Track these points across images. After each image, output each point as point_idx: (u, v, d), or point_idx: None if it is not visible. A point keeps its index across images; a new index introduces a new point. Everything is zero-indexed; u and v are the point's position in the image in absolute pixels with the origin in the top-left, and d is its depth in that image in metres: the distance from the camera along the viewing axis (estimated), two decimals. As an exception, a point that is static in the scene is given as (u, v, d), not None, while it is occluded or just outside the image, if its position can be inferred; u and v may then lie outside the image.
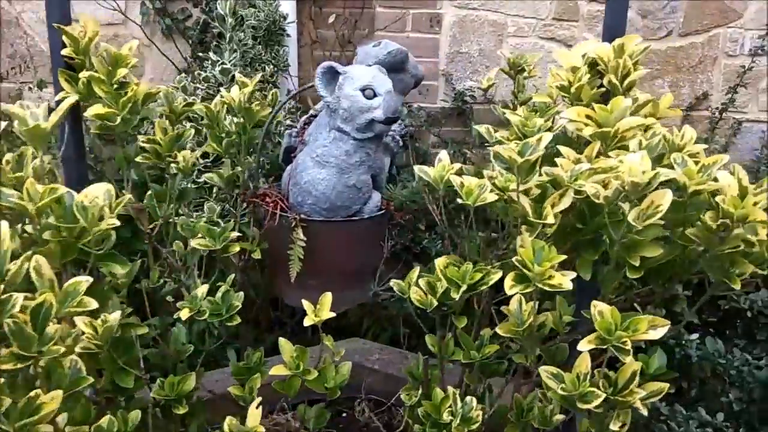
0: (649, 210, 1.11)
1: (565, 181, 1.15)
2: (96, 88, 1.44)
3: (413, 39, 3.04)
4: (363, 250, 1.53)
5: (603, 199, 1.10)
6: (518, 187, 1.16)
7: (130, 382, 1.51)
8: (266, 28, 2.95)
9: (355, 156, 1.44)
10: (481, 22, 2.98)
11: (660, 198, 1.11)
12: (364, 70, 1.42)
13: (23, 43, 3.12)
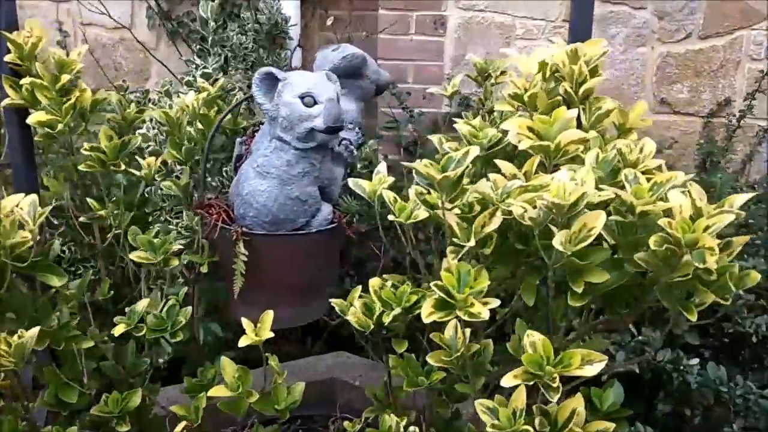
0: (582, 233, 1.00)
1: (493, 199, 1.06)
2: (39, 94, 1.42)
3: (417, 42, 2.95)
4: (312, 265, 1.46)
5: (529, 221, 1.00)
6: (442, 204, 1.07)
7: (73, 397, 1.48)
8: (267, 31, 2.92)
9: (298, 167, 1.37)
10: (487, 24, 2.88)
11: (593, 220, 1.00)
12: (304, 76, 1.36)
13: (33, 48, 3.17)
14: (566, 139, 1.09)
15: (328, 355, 2.27)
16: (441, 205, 1.07)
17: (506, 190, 1.06)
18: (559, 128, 1.11)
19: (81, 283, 1.56)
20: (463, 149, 1.06)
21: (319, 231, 1.44)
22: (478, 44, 2.89)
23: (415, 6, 2.89)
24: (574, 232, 1.00)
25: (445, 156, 1.06)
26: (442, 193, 1.05)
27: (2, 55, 1.45)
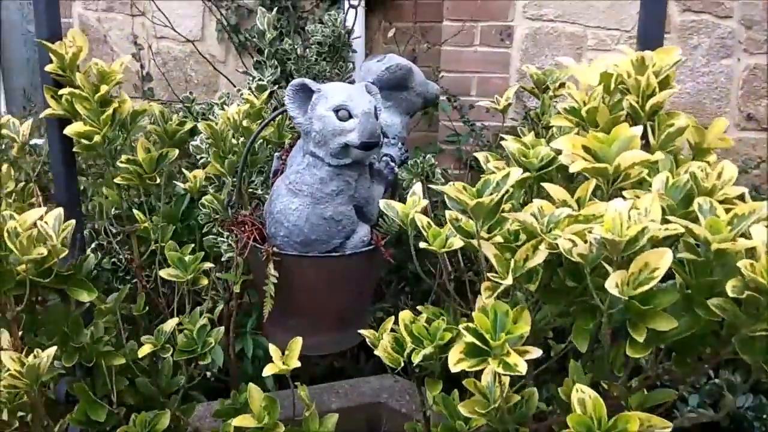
0: (642, 274, 0.82)
1: (537, 229, 0.89)
2: (78, 105, 1.37)
3: (481, 53, 2.79)
4: (347, 290, 1.33)
5: (579, 257, 0.83)
6: (478, 234, 0.91)
7: (102, 416, 1.41)
8: (331, 44, 2.83)
9: (331, 184, 1.24)
10: (557, 34, 2.68)
11: (657, 259, 0.82)
12: (339, 88, 1.23)
13: (109, 59, 3.22)
14: (627, 160, 0.92)
15: (375, 378, 2.13)
16: (477, 234, 0.91)
17: (553, 220, 0.89)
18: (619, 148, 0.93)
19: (117, 297, 1.49)
20: (503, 171, 0.90)
21: (354, 253, 1.30)
22: (546, 56, 2.70)
23: (481, 16, 2.73)
24: (632, 272, 0.83)
25: (482, 180, 0.90)
26: (477, 221, 0.90)
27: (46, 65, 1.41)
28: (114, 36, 3.19)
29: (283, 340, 1.32)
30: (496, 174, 0.90)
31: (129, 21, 3.18)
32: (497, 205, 0.88)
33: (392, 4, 3.03)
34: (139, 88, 3.12)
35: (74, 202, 1.47)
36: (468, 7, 2.74)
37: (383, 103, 1.42)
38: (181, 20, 3.19)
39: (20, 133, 1.37)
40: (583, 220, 0.86)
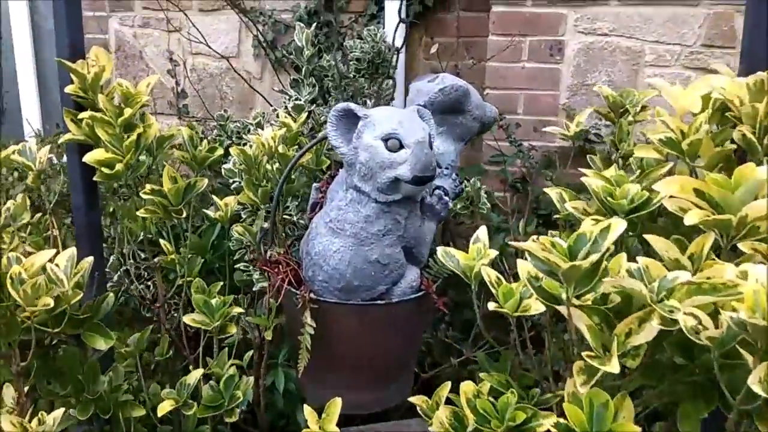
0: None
1: (646, 298, 0.69)
2: (99, 130, 1.21)
3: (529, 69, 2.59)
4: (393, 342, 1.14)
5: (707, 340, 0.63)
6: (568, 300, 0.72)
7: (118, 471, 1.25)
8: (370, 60, 2.67)
9: (378, 223, 1.05)
10: (611, 49, 2.47)
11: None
12: (389, 114, 1.04)
13: (144, 76, 3.10)
14: (757, 211, 0.71)
15: (415, 421, 1.93)
16: (566, 300, 0.72)
17: (665, 286, 0.69)
18: (744, 194, 0.73)
19: (139, 338, 1.33)
20: (603, 223, 0.70)
21: (402, 301, 1.11)
22: (600, 71, 2.49)
23: (529, 31, 2.53)
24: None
25: (575, 235, 0.70)
26: (568, 286, 0.70)
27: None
28: (150, 52, 3.08)
29: (320, 397, 1.14)
30: (593, 227, 0.70)
31: (165, 37, 3.06)
32: (596, 267, 0.69)
33: (434, 19, 2.85)
34: (174, 105, 2.99)
35: (95, 234, 1.31)
36: (515, 21, 2.54)
37: (436, 128, 1.23)
38: (216, 36, 3.06)
39: (37, 159, 1.22)
40: (707, 289, 0.66)
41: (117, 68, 3.13)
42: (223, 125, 2.34)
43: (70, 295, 0.98)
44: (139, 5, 2.99)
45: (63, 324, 1.05)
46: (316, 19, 2.89)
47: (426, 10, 2.81)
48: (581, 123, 1.24)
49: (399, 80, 2.79)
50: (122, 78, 3.15)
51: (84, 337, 1.14)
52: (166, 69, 2.97)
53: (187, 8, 3.01)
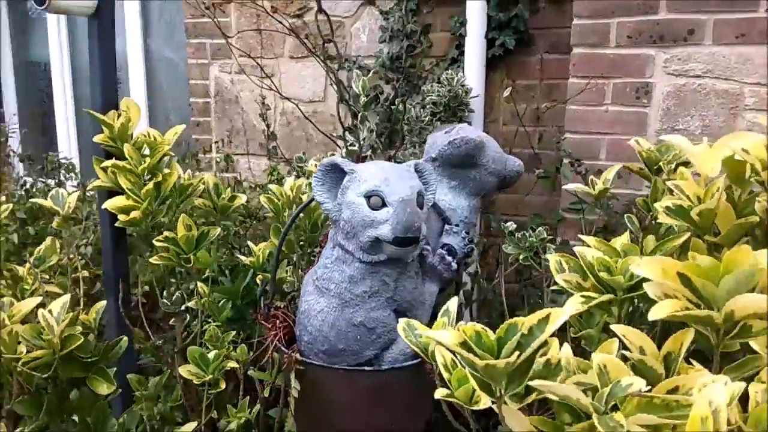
0: None
1: (589, 408, 0.56)
2: (121, 177, 1.24)
3: (613, 113, 2.40)
4: (384, 413, 1.04)
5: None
6: (499, 399, 0.60)
7: None
8: (446, 103, 2.61)
9: (363, 284, 0.97)
10: (705, 92, 2.22)
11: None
12: (375, 169, 0.96)
13: (240, 119, 3.26)
14: (743, 308, 0.56)
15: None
16: (498, 398, 0.60)
17: (616, 394, 0.55)
18: (733, 284, 0.57)
19: (157, 384, 1.33)
20: (540, 313, 0.58)
21: (393, 369, 1.02)
22: (692, 116, 2.25)
23: (613, 73, 2.34)
24: None
25: (506, 324, 0.59)
26: (497, 384, 0.59)
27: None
28: (245, 96, 3.22)
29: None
30: (530, 317, 0.58)
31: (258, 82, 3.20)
32: (525, 366, 0.56)
33: (516, 61, 2.74)
34: (264, 146, 3.10)
35: (120, 278, 1.35)
36: (598, 62, 2.37)
37: (447, 182, 1.14)
38: (305, 81, 3.15)
39: (66, 204, 1.27)
40: (659, 406, 0.52)
41: (215, 111, 3.30)
42: (300, 167, 2.38)
43: (54, 343, 0.99)
44: (237, 53, 3.14)
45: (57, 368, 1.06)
46: (398, 64, 2.89)
47: (507, 53, 2.71)
48: (608, 180, 1.09)
49: (477, 124, 2.70)
50: (219, 121, 3.33)
51: (88, 381, 1.15)
52: (258, 112, 3.09)
53: (279, 55, 3.13)
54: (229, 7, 3.13)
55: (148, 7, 3.49)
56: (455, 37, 2.77)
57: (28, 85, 3.77)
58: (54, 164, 2.80)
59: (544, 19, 2.66)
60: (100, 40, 1.23)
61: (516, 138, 2.66)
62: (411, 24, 2.86)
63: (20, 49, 3.75)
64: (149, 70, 3.51)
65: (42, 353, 1.04)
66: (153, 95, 3.54)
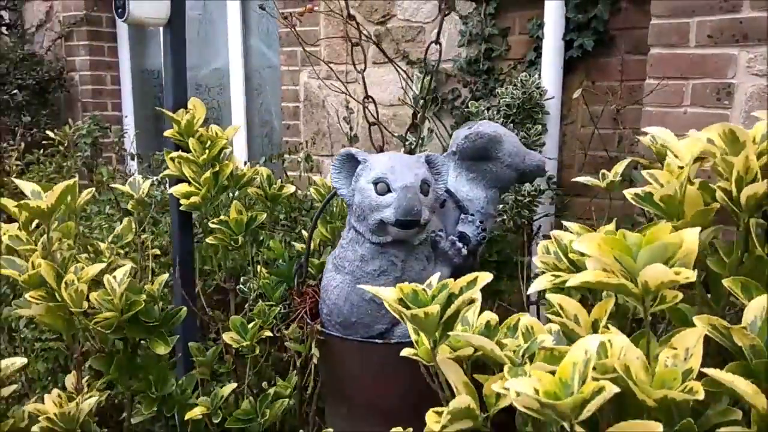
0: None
1: (502, 358, 0.64)
2: (185, 167, 1.44)
3: (692, 115, 2.35)
4: (395, 384, 1.14)
5: (527, 410, 0.57)
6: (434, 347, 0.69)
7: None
8: (520, 106, 2.67)
9: (373, 263, 1.09)
10: (794, 92, 2.14)
11: None
12: (385, 159, 1.08)
13: (325, 122, 3.47)
14: (654, 278, 0.62)
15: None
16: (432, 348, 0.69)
17: (530, 350, 0.63)
18: (648, 258, 0.63)
19: (213, 352, 1.52)
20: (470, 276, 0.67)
21: (401, 343, 1.12)
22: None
23: (693, 73, 2.30)
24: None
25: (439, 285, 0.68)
26: (430, 335, 0.68)
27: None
28: (330, 101, 3.43)
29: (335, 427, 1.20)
30: (460, 279, 0.68)
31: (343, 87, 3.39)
32: (453, 318, 0.66)
33: (595, 63, 2.74)
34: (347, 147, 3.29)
35: (186, 257, 1.55)
36: (677, 63, 2.33)
37: (465, 174, 1.23)
38: (386, 85, 3.30)
39: (141, 189, 1.49)
40: (558, 356, 0.60)
41: (303, 115, 3.54)
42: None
43: (117, 305, 1.19)
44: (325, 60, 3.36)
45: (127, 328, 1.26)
46: (476, 67, 2.97)
47: (586, 55, 2.72)
48: (618, 173, 1.13)
49: (553, 125, 2.73)
50: (307, 124, 3.57)
51: (149, 342, 1.35)
52: (342, 116, 3.29)
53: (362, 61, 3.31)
54: (318, 17, 3.36)
55: (249, 18, 3.80)
56: (533, 39, 2.81)
57: (143, 90, 4.22)
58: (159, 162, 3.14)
59: (625, 19, 2.64)
60: (173, 47, 1.44)
61: (592, 140, 2.66)
62: (489, 28, 2.93)
63: (137, 57, 4.20)
64: (248, 75, 3.82)
65: (110, 315, 1.24)
66: (250, 99, 3.85)
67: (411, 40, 3.18)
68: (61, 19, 4.12)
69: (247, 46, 3.82)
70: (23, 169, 3.28)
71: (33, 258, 1.15)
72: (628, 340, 0.60)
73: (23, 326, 2.03)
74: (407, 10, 3.15)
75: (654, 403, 0.57)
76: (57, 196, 1.12)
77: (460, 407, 0.63)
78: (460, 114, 3.05)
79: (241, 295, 1.62)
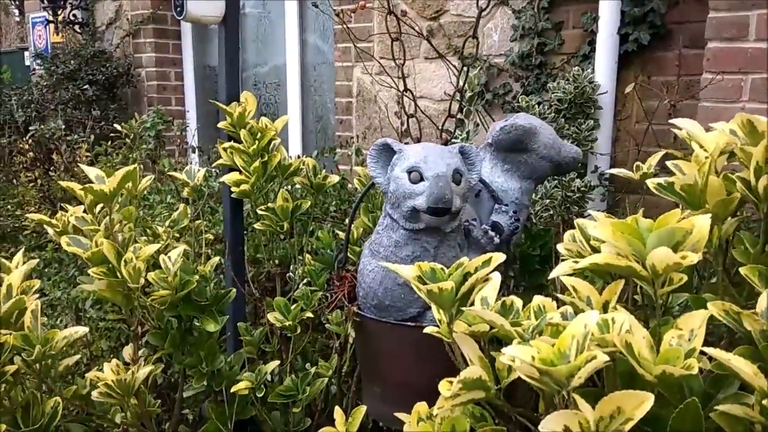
0: (614, 422, 0.56)
1: (511, 333, 0.68)
2: (236, 157, 1.54)
3: (750, 111, 2.28)
4: (426, 368, 1.19)
5: (531, 380, 0.61)
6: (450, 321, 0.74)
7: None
8: (571, 100, 2.67)
9: (406, 249, 1.14)
10: None
11: (631, 404, 0.55)
12: (418, 149, 1.13)
13: (377, 117, 3.55)
14: (660, 261, 0.65)
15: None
16: (448, 323, 0.74)
17: (539, 327, 0.68)
18: (655, 241, 0.67)
19: (260, 332, 1.61)
20: (486, 256, 0.72)
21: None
22: (842, 114, 2.09)
23: (752, 68, 2.25)
24: (602, 417, 0.57)
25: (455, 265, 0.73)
26: (446, 310, 0.73)
27: (222, 122, 1.62)
28: (382, 96, 3.50)
29: (372, 408, 1.27)
30: (475, 259, 0.73)
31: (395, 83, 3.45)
32: (467, 294, 0.71)
33: (651, 57, 2.70)
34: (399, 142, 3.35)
35: (237, 242, 1.65)
36: (735, 57, 2.29)
37: (501, 165, 1.27)
38: (438, 80, 3.34)
39: (196, 178, 1.60)
40: (562, 331, 0.64)
41: (356, 110, 3.62)
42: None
43: (171, 283, 1.29)
44: (377, 56, 3.43)
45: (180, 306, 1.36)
46: (528, 62, 2.98)
47: (641, 49, 2.69)
48: (651, 165, 1.15)
49: (606, 120, 2.72)
50: (359, 119, 3.65)
51: (201, 320, 1.45)
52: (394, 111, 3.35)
53: (415, 56, 3.36)
54: (372, 13, 3.43)
55: (306, 14, 3.91)
56: (587, 33, 2.80)
57: (204, 86, 4.40)
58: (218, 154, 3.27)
59: (683, 13, 2.60)
60: (227, 42, 1.54)
61: (646, 136, 2.63)
62: (543, 22, 2.92)
63: (199, 55, 4.39)
64: (304, 71, 3.93)
65: (164, 293, 1.34)
66: (306, 95, 3.96)
67: (463, 35, 3.21)
68: (129, 17, 4.34)
69: (304, 43, 3.94)
70: (92, 160, 3.49)
71: (96, 237, 1.27)
72: (634, 320, 0.63)
73: (89, 306, 2.19)
74: (460, 5, 3.18)
75: (653, 378, 0.60)
76: (118, 181, 1.23)
77: (472, 377, 0.68)
78: (511, 109, 3.06)
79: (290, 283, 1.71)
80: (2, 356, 1.04)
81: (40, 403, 1.13)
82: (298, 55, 3.91)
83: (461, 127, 2.17)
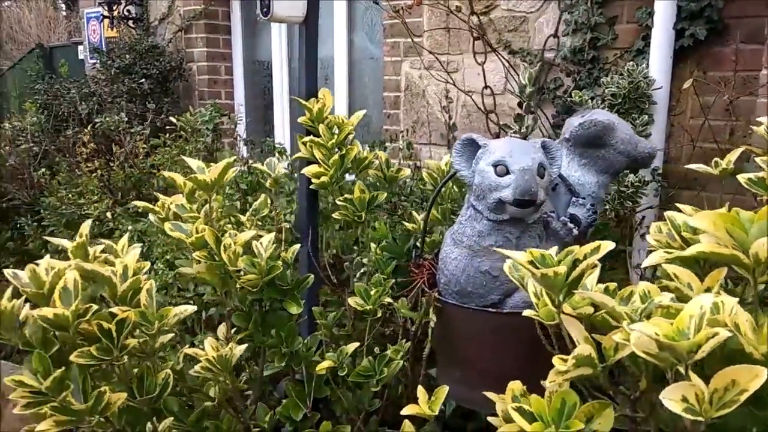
0: (728, 395, 0.62)
1: (621, 315, 0.75)
2: (315, 150, 1.62)
3: (811, 106, 2.31)
4: (504, 352, 1.25)
5: (647, 356, 0.67)
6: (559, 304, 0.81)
7: (298, 416, 1.62)
8: (625, 95, 2.70)
9: (489, 239, 1.21)
10: None
11: (746, 377, 0.61)
12: (504, 143, 1.19)
13: (425, 111, 3.61)
14: (763, 250, 0.71)
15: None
16: (557, 305, 0.81)
17: (647, 310, 0.74)
18: (758, 231, 0.72)
19: (333, 316, 1.70)
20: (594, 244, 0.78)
21: (513, 313, 1.24)
22: None
23: (814, 63, 2.26)
24: (716, 389, 0.64)
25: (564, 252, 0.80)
26: (555, 294, 0.80)
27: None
28: (430, 91, 3.56)
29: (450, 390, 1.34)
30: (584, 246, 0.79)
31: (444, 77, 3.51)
32: (577, 279, 0.78)
33: (708, 52, 2.71)
34: (445, 136, 3.40)
35: (311, 231, 1.73)
36: (796, 52, 2.30)
37: (578, 160, 1.33)
38: (488, 75, 3.38)
39: (276, 169, 1.69)
40: (673, 313, 0.70)
41: (404, 104, 3.69)
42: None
43: (263, 268, 1.38)
44: (426, 51, 3.49)
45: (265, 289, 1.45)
46: (581, 57, 3.00)
47: (697, 44, 2.70)
48: (730, 161, 1.19)
49: (660, 116, 2.73)
50: (407, 113, 3.71)
51: (284, 303, 1.55)
52: (442, 105, 3.41)
53: (464, 51, 3.41)
54: (422, 8, 3.48)
55: (354, 10, 3.99)
56: (642, 28, 2.81)
57: (254, 80, 4.51)
58: (270, 147, 3.38)
59: (741, 8, 2.60)
60: (308, 41, 1.62)
61: (701, 132, 2.64)
62: (596, 16, 2.95)
63: (248, 50, 4.50)
64: (351, 66, 4.01)
65: (253, 277, 1.44)
66: (352, 89, 4.04)
67: (513, 30, 3.25)
68: (181, 12, 4.47)
69: (351, 39, 4.02)
70: (148, 152, 3.62)
71: (197, 224, 1.36)
72: (738, 304, 0.69)
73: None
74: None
75: (761, 356, 0.66)
76: (219, 171, 1.32)
77: (584, 354, 0.75)
78: (562, 103, 3.09)
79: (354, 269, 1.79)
80: (124, 331, 1.14)
81: (153, 374, 1.23)
82: (345, 50, 3.99)
83: (520, 122, 2.23)
